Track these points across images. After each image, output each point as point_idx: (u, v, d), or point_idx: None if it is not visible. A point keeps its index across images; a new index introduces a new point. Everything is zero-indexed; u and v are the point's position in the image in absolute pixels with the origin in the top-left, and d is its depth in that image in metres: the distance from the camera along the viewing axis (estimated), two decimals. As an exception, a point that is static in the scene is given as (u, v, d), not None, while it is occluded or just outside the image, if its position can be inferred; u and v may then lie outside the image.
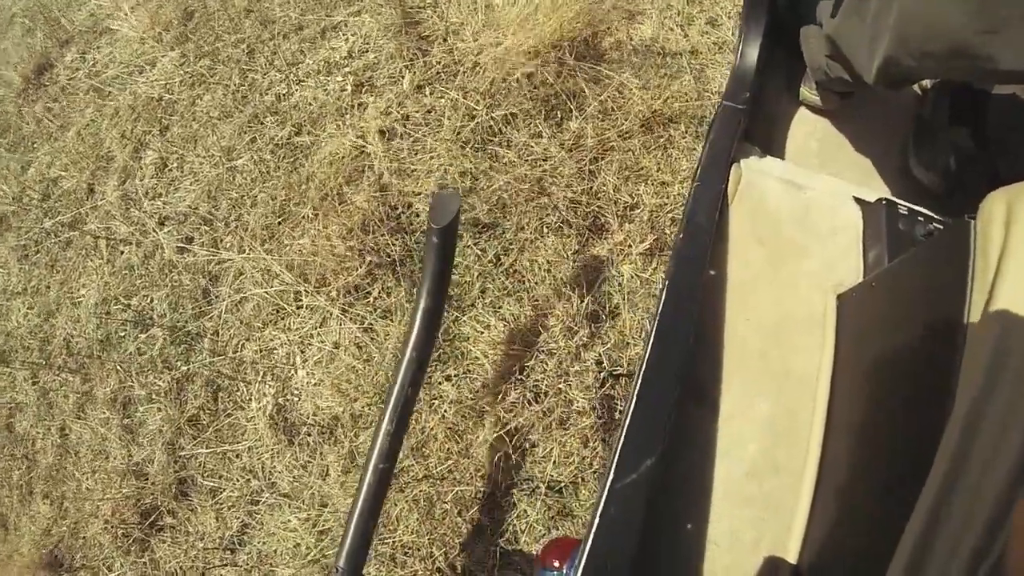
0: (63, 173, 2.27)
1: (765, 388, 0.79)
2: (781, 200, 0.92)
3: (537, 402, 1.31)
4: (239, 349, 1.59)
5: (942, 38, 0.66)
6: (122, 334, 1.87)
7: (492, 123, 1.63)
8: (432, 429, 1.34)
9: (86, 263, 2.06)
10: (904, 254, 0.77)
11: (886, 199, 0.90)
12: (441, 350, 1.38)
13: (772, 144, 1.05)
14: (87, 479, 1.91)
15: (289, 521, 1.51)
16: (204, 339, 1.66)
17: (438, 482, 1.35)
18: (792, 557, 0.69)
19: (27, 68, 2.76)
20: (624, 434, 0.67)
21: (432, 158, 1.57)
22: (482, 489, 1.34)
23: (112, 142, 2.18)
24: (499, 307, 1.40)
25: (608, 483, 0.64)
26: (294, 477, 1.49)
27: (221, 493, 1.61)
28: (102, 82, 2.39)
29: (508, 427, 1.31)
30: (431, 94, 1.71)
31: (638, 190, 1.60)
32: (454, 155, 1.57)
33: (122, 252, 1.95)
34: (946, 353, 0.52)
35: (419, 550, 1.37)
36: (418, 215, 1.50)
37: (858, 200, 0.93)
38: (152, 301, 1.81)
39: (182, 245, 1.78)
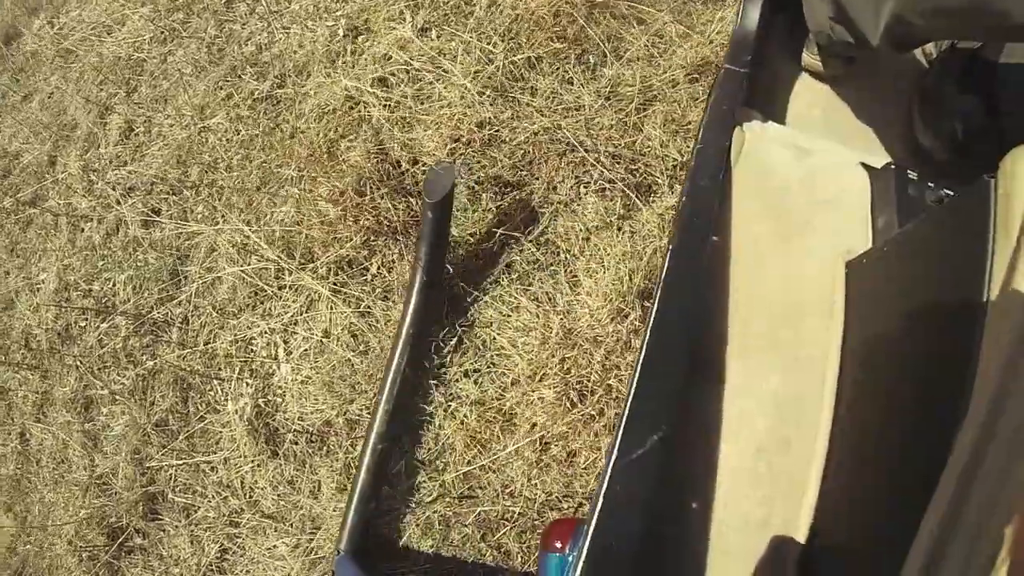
0: (24, 146, 1.91)
1: (773, 360, 0.72)
2: (786, 165, 0.84)
3: (581, 403, 0.98)
4: (211, 340, 1.24)
5: None
6: (82, 324, 1.52)
7: (513, 68, 1.28)
8: (449, 438, 1.00)
9: (46, 244, 1.70)
10: (917, 218, 0.71)
11: (894, 164, 0.82)
12: (458, 338, 1.04)
13: (774, 110, 0.96)
14: (49, 492, 1.58)
15: (275, 547, 1.17)
16: (172, 328, 1.31)
17: (456, 501, 1.02)
18: (801, 537, 0.63)
19: (-7, 38, 2.38)
20: (628, 408, 0.61)
21: (443, 107, 1.22)
22: (511, 509, 1.01)
23: (76, 109, 1.82)
24: (529, 284, 1.06)
25: (613, 460, 0.58)
26: (279, 495, 1.15)
27: (195, 512, 1.28)
28: (69, 46, 2.02)
29: (544, 434, 0.98)
30: (439, 37, 1.36)
31: (687, 146, 1.26)
32: (468, 103, 1.22)
33: (83, 230, 1.59)
34: (964, 328, 0.48)
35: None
36: (423, 171, 1.16)
37: (865, 165, 0.84)
38: (115, 285, 1.46)
39: (148, 218, 1.43)
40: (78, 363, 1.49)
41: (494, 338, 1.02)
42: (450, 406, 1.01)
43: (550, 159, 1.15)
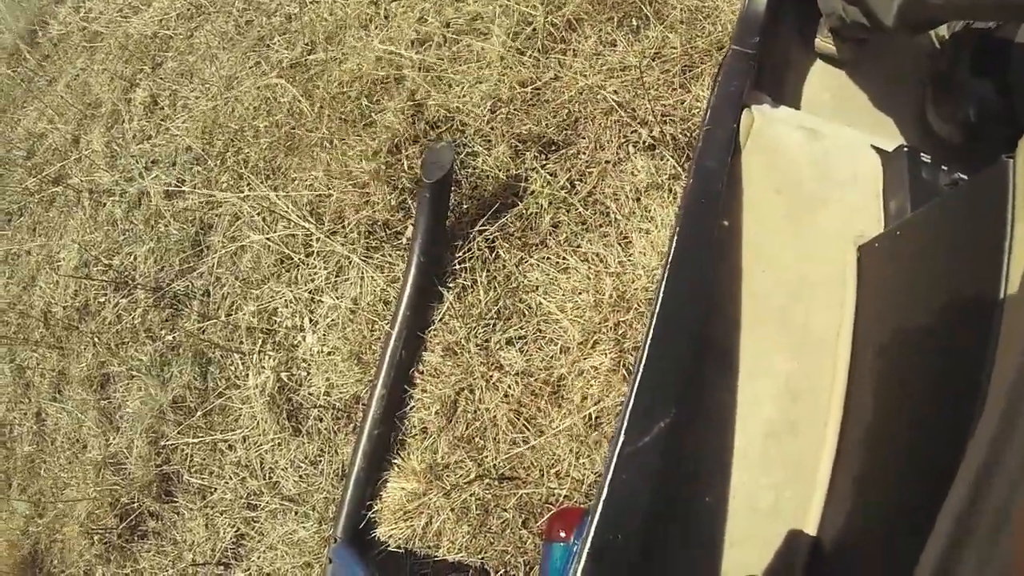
0: (48, 126, 1.82)
1: (783, 344, 0.69)
2: (796, 147, 0.81)
3: (637, 373, 0.85)
4: (233, 311, 1.13)
5: None
6: (101, 300, 1.41)
7: (553, 30, 1.17)
8: (491, 412, 0.87)
9: (68, 221, 1.61)
10: (931, 202, 0.68)
11: (907, 146, 0.77)
12: (501, 304, 0.92)
13: (784, 94, 0.92)
14: (63, 472, 1.47)
15: (295, 532, 1.05)
16: (192, 301, 1.20)
17: (497, 483, 0.89)
18: (812, 528, 0.60)
19: (21, 28, 2.32)
20: (634, 395, 0.56)
21: (481, 67, 1.12)
22: (556, 491, 0.88)
23: (100, 87, 1.73)
24: (577, 245, 0.94)
25: (618, 447, 0.54)
26: (301, 476, 1.03)
27: (211, 494, 1.16)
28: (95, 30, 1.94)
29: (596, 407, 0.85)
30: (475, 2, 1.26)
31: (737, 111, 1.14)
32: (508, 63, 1.11)
33: (104, 205, 1.50)
34: (981, 315, 0.44)
35: (469, 572, 0.91)
36: (462, 130, 1.05)
37: (877, 148, 0.80)
38: (135, 259, 1.36)
39: (171, 189, 1.33)
40: (95, 339, 1.39)
41: (540, 303, 0.90)
42: (492, 377, 0.89)
43: (596, 118, 1.04)
